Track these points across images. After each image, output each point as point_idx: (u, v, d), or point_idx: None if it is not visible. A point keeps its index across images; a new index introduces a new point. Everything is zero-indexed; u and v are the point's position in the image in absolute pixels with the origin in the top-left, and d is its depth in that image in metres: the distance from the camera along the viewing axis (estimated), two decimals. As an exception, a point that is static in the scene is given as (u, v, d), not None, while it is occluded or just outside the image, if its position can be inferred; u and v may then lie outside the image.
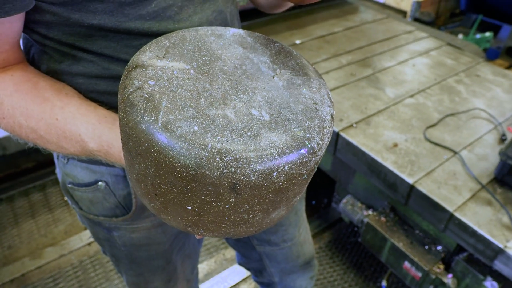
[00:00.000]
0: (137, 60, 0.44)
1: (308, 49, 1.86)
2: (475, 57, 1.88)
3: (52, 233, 1.85)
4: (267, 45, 0.51)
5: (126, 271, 0.87)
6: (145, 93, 0.40)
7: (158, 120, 0.37)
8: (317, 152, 0.41)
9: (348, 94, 1.59)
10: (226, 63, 0.46)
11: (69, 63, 0.57)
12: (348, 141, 1.39)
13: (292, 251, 1.03)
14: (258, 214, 0.43)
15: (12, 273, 1.68)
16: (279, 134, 0.39)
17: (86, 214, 0.74)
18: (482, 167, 1.29)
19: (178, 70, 0.43)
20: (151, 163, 0.39)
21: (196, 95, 0.41)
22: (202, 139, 0.36)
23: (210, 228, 0.45)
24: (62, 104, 0.53)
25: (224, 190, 0.38)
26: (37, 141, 0.55)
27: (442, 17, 2.82)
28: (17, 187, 2.05)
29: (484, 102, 1.58)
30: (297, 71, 0.48)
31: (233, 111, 0.40)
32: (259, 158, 0.37)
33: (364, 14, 2.26)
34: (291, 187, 0.42)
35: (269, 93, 0.44)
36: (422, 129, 1.42)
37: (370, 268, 1.67)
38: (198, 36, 0.49)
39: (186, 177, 0.37)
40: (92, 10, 0.51)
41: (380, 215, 1.43)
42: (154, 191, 0.42)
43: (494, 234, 1.10)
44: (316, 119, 0.42)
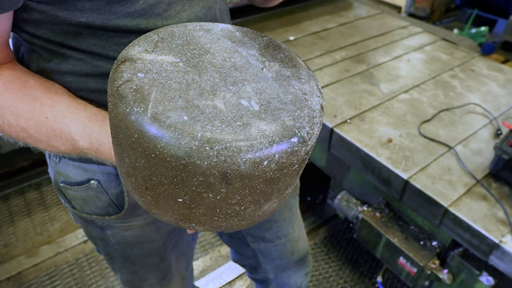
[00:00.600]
0: (126, 54, 0.44)
1: (302, 46, 1.85)
2: (470, 52, 1.88)
3: (48, 231, 1.85)
4: (255, 39, 0.52)
5: (120, 269, 0.87)
6: (134, 85, 0.40)
7: (147, 111, 0.37)
8: (308, 142, 0.41)
9: (342, 90, 1.58)
10: (215, 56, 0.47)
11: (58, 61, 0.57)
12: (342, 137, 1.38)
13: (286, 248, 1.03)
14: (249, 206, 0.44)
15: (9, 271, 1.68)
16: (269, 123, 0.39)
17: (79, 213, 0.74)
18: (477, 162, 1.29)
19: (167, 63, 0.44)
20: (141, 154, 0.39)
21: (185, 86, 0.41)
22: (192, 129, 0.36)
23: (202, 221, 0.45)
24: (52, 103, 0.53)
25: (215, 180, 0.38)
26: (27, 140, 0.55)
27: (437, 12, 2.82)
28: (12, 186, 2.05)
29: (479, 97, 1.58)
30: (286, 63, 0.48)
31: (222, 102, 0.40)
32: (249, 146, 0.37)
33: (358, 10, 2.25)
34: (282, 177, 0.42)
35: (258, 84, 0.44)
36: (416, 125, 1.42)
37: (366, 264, 1.67)
38: (186, 31, 0.50)
39: (176, 168, 0.38)
40: (80, 8, 0.50)
41: (375, 211, 1.43)
42: (145, 184, 0.42)
43: (489, 229, 1.10)
44: (306, 108, 0.42)
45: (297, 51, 1.81)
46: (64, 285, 1.63)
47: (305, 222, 1.84)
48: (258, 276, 1.15)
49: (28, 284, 1.63)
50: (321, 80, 1.63)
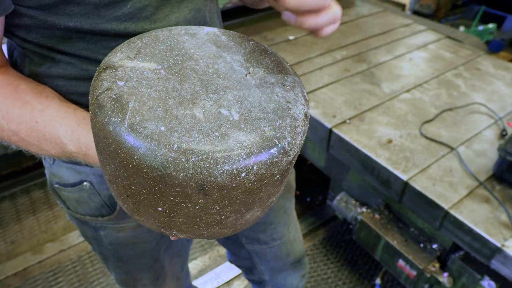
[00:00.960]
0: (108, 61, 0.44)
1: (301, 45, 1.83)
2: (475, 50, 1.84)
3: (52, 229, 1.88)
4: (241, 43, 0.50)
5: (114, 269, 0.89)
6: (113, 94, 0.39)
7: (124, 121, 0.37)
8: (289, 152, 0.40)
9: (341, 90, 1.56)
10: (198, 62, 0.46)
11: (48, 65, 0.58)
12: (341, 137, 1.36)
13: (281, 250, 1.03)
14: (230, 215, 0.43)
15: (15, 267, 1.72)
16: (248, 134, 0.38)
17: (73, 213, 0.75)
18: (480, 164, 1.26)
19: (148, 71, 0.43)
20: (119, 164, 0.39)
21: (165, 95, 0.40)
22: (168, 140, 0.36)
23: (183, 229, 0.44)
24: (42, 107, 0.54)
25: (192, 191, 0.38)
26: (19, 143, 0.56)
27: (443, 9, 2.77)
28: (19, 185, 2.09)
29: (484, 96, 1.54)
30: (271, 69, 0.47)
31: (201, 111, 0.40)
32: (226, 158, 0.36)
33: (360, 8, 2.22)
34: (263, 187, 0.41)
35: (240, 92, 0.43)
36: (418, 125, 1.39)
37: (365, 266, 1.65)
38: (171, 36, 0.49)
39: (153, 178, 0.37)
40: (68, 12, 0.51)
41: (374, 212, 1.40)
42: (126, 192, 0.42)
43: (491, 232, 1.07)
44: (288, 118, 0.41)
45: (297, 50, 1.79)
46: (67, 281, 1.65)
47: (304, 223, 1.82)
48: (254, 277, 1.14)
49: (33, 280, 1.66)
50: (320, 80, 1.61)
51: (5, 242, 1.82)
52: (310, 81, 1.60)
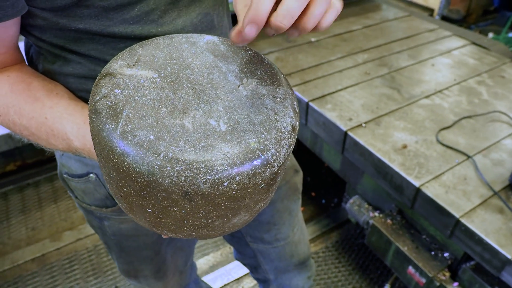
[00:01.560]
0: (108, 68, 0.46)
1: (323, 47, 1.84)
2: (501, 57, 1.79)
3: (71, 218, 1.95)
4: (238, 53, 0.51)
5: (117, 259, 0.91)
6: (109, 102, 0.42)
7: (117, 128, 0.39)
8: (273, 163, 0.41)
9: (360, 93, 1.56)
10: (194, 72, 0.47)
11: (60, 64, 0.61)
12: (355, 140, 1.36)
13: (285, 250, 1.03)
14: (217, 219, 0.44)
15: (34, 252, 1.80)
16: (232, 145, 0.40)
17: (80, 202, 0.79)
18: (496, 173, 1.24)
19: (145, 79, 0.45)
20: (112, 167, 0.41)
21: (158, 104, 0.42)
22: (156, 148, 0.38)
23: (172, 229, 0.46)
24: (52, 104, 0.57)
25: (177, 197, 0.40)
26: (29, 137, 0.60)
27: (473, 15, 2.70)
28: (43, 174, 2.18)
29: (506, 105, 1.50)
30: (264, 80, 0.48)
31: (191, 121, 0.41)
32: (209, 168, 0.38)
33: (385, 12, 2.20)
34: (247, 195, 0.42)
35: (231, 103, 0.44)
36: (435, 131, 1.38)
37: (377, 271, 1.64)
38: (171, 44, 0.51)
39: (141, 183, 0.39)
40: (79, 15, 0.54)
41: (386, 217, 1.40)
42: (119, 192, 0.45)
43: (502, 243, 1.06)
44: (274, 130, 0.42)
45: (318, 52, 1.80)
46: (82, 269, 1.72)
47: (318, 225, 1.83)
48: (259, 276, 1.16)
49: (50, 266, 1.73)
50: (339, 83, 1.61)
51: (27, 228, 1.90)
52: (328, 83, 1.61)
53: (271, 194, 0.48)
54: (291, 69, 1.69)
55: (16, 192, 2.07)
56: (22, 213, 1.97)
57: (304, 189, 2.00)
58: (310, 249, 1.13)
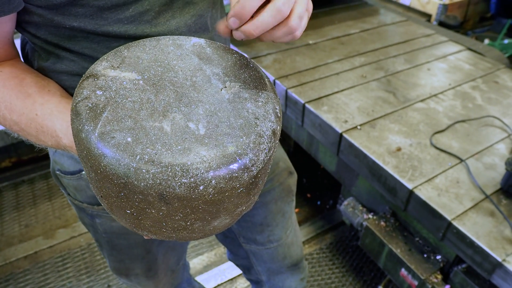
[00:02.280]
0: (92, 69, 0.46)
1: (321, 50, 1.85)
2: (496, 63, 1.81)
3: (65, 216, 1.94)
4: (224, 56, 0.51)
5: (108, 257, 0.91)
6: (90, 103, 0.42)
7: (96, 130, 0.40)
8: (251, 168, 0.41)
9: (356, 96, 1.57)
10: (178, 74, 0.47)
11: (53, 61, 0.61)
12: (350, 142, 1.37)
13: (278, 252, 1.03)
14: (196, 222, 0.45)
15: (26, 250, 1.79)
16: (210, 149, 0.40)
17: (72, 199, 0.79)
18: (488, 177, 1.25)
19: (128, 81, 0.45)
20: (91, 168, 0.41)
21: (138, 106, 0.43)
22: (132, 151, 0.38)
23: (152, 231, 0.47)
24: (43, 101, 0.57)
25: (153, 199, 0.40)
26: (19, 133, 0.60)
27: (470, 21, 2.72)
28: (38, 171, 2.18)
29: (499, 110, 1.52)
30: (247, 84, 0.48)
31: (170, 124, 0.41)
32: (185, 171, 0.38)
33: (383, 16, 2.22)
34: (226, 199, 0.42)
35: (212, 106, 0.44)
36: (429, 135, 1.39)
37: (370, 273, 1.65)
38: (157, 46, 0.51)
39: (118, 184, 0.40)
40: (74, 13, 0.54)
41: (380, 219, 1.41)
42: (100, 192, 0.45)
43: (493, 246, 1.07)
44: (253, 134, 0.42)
45: (316, 55, 1.81)
46: (75, 267, 1.71)
47: (313, 226, 1.83)
48: (251, 277, 1.16)
49: (42, 263, 1.73)
50: (336, 85, 1.62)
51: (20, 225, 1.90)
52: (325, 85, 1.62)
53: (253, 197, 0.48)
54: (289, 71, 1.70)
55: (10, 189, 2.07)
56: (16, 210, 1.96)
57: (300, 191, 2.01)
58: (303, 251, 1.13)
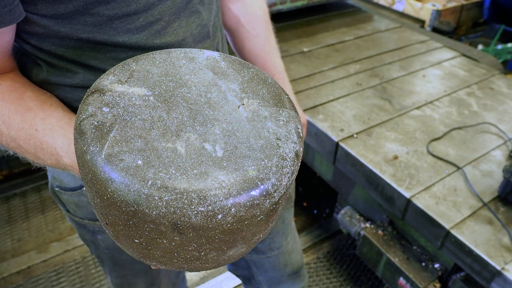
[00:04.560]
0: (98, 84, 0.43)
1: (315, 58, 1.85)
2: (490, 69, 1.82)
3: (59, 229, 1.91)
4: (240, 70, 0.48)
5: (110, 273, 0.89)
6: (96, 121, 0.38)
7: (102, 151, 0.36)
8: (273, 194, 0.38)
9: (351, 104, 1.57)
10: (191, 90, 0.44)
11: (57, 73, 0.59)
12: (347, 151, 1.36)
13: (279, 260, 1.03)
14: (210, 252, 0.41)
15: (19, 264, 1.75)
16: (229, 173, 0.36)
17: (72, 216, 0.76)
18: (486, 184, 1.24)
19: (137, 97, 0.41)
20: (96, 194, 0.38)
21: (149, 125, 0.39)
22: (143, 175, 0.35)
23: (162, 261, 0.43)
24: (44, 115, 0.54)
25: (166, 229, 0.36)
26: (16, 150, 0.56)
27: (463, 27, 2.74)
28: (30, 183, 2.13)
29: (495, 116, 1.52)
30: (266, 101, 0.44)
31: (184, 145, 0.38)
32: (202, 199, 0.34)
33: (377, 23, 2.23)
34: (244, 228, 0.39)
35: (229, 126, 0.41)
36: (425, 142, 1.39)
37: (368, 282, 1.63)
38: (168, 59, 0.47)
39: (127, 213, 0.36)
40: (82, 23, 0.52)
41: (377, 228, 1.40)
42: (105, 219, 0.41)
43: (492, 254, 1.06)
44: (275, 157, 0.39)
45: (310, 63, 1.81)
46: (69, 282, 1.68)
47: (310, 236, 1.82)
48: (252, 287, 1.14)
49: (36, 278, 1.69)
50: (331, 93, 1.62)
51: (12, 239, 1.85)
52: (320, 94, 1.61)
53: (271, 224, 0.44)
54: (283, 79, 1.69)
55: (2, 202, 2.03)
56: (8, 223, 1.93)
57: (296, 200, 1.99)
58: (303, 258, 1.12)
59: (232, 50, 0.90)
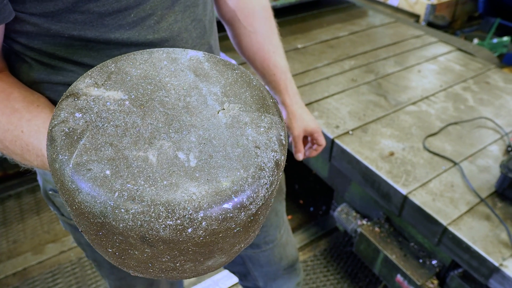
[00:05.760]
0: (73, 87, 0.41)
1: (310, 54, 1.83)
2: (486, 63, 1.81)
3: (55, 230, 1.89)
4: (224, 72, 0.45)
5: (108, 276, 0.88)
6: (67, 128, 0.37)
7: (70, 160, 0.35)
8: (249, 206, 0.36)
9: (347, 100, 1.55)
10: (170, 94, 0.42)
11: (49, 72, 0.57)
12: (342, 148, 1.35)
13: (274, 254, 1.02)
14: (186, 263, 0.39)
15: (15, 266, 1.74)
16: (200, 185, 0.34)
17: (67, 220, 0.75)
18: (483, 180, 1.23)
19: (113, 101, 0.40)
20: (66, 202, 0.37)
21: (122, 131, 0.37)
22: (111, 186, 0.33)
23: (138, 270, 0.41)
24: (30, 116, 0.53)
25: (135, 241, 0.35)
26: (3, 151, 0.56)
27: (459, 21, 2.73)
28: (24, 184, 2.12)
29: (491, 111, 1.51)
30: (249, 105, 0.42)
31: (156, 153, 0.36)
32: (170, 212, 0.33)
33: (372, 18, 2.21)
34: (220, 240, 0.37)
35: (206, 132, 0.39)
36: (421, 138, 1.37)
37: (365, 279, 1.63)
38: (149, 60, 0.45)
39: (95, 224, 0.35)
40: (72, 20, 0.51)
41: (374, 225, 1.39)
42: (79, 227, 0.40)
43: (490, 251, 1.05)
44: (253, 167, 0.37)
45: (305, 59, 1.79)
46: (65, 283, 1.67)
47: (306, 233, 1.81)
48: (248, 284, 1.14)
49: (32, 280, 1.68)
50: (326, 90, 1.61)
51: (7, 241, 1.84)
52: (315, 90, 1.60)
53: (252, 233, 0.43)
54: (278, 76, 1.67)
55: (-3, 204, 2.02)
56: (3, 225, 1.91)
57: (292, 197, 1.98)
58: (297, 251, 1.12)
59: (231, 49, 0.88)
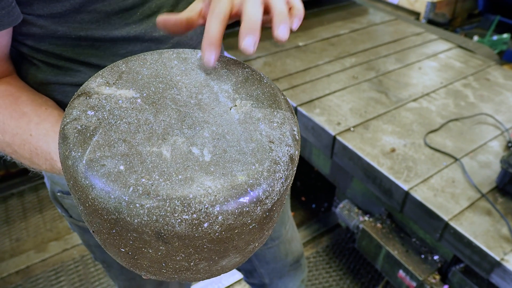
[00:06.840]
0: (85, 86, 0.41)
1: (311, 52, 1.84)
2: (486, 60, 1.81)
3: (57, 228, 1.90)
4: (234, 70, 0.46)
5: (117, 276, 0.88)
6: (79, 125, 0.37)
7: (83, 156, 0.34)
8: (265, 200, 0.36)
9: (348, 97, 1.56)
10: (181, 92, 0.42)
11: (56, 73, 0.58)
12: (344, 145, 1.36)
13: (280, 250, 1.03)
14: (201, 262, 0.39)
15: (18, 265, 1.74)
16: (216, 179, 0.34)
17: (76, 221, 0.75)
18: (483, 175, 1.24)
19: (124, 99, 0.40)
20: (78, 200, 0.36)
21: (135, 128, 0.37)
22: (125, 181, 0.33)
23: (151, 271, 0.41)
24: (39, 120, 0.53)
25: (150, 238, 0.35)
26: (12, 155, 0.56)
27: (459, 18, 2.73)
28: (27, 183, 2.13)
29: (492, 107, 1.52)
30: (261, 102, 0.42)
31: (170, 149, 0.36)
32: (186, 206, 0.33)
33: (372, 16, 2.22)
34: (235, 237, 0.37)
35: (219, 128, 0.39)
36: (422, 134, 1.38)
37: (368, 275, 1.64)
38: (160, 60, 0.46)
39: (109, 220, 0.35)
40: (79, 21, 0.51)
41: (376, 221, 1.40)
42: (91, 227, 0.39)
43: (491, 245, 1.06)
44: (267, 161, 0.37)
45: (306, 57, 1.80)
46: (68, 280, 1.68)
47: (308, 230, 1.82)
48: (254, 280, 1.15)
49: (35, 278, 1.69)
50: (327, 87, 1.61)
51: (10, 239, 1.85)
52: (317, 88, 1.61)
53: (267, 232, 0.42)
54: (279, 74, 1.68)
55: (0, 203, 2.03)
56: (6, 223, 1.92)
57: (294, 194, 1.99)
58: (302, 246, 1.13)
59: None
